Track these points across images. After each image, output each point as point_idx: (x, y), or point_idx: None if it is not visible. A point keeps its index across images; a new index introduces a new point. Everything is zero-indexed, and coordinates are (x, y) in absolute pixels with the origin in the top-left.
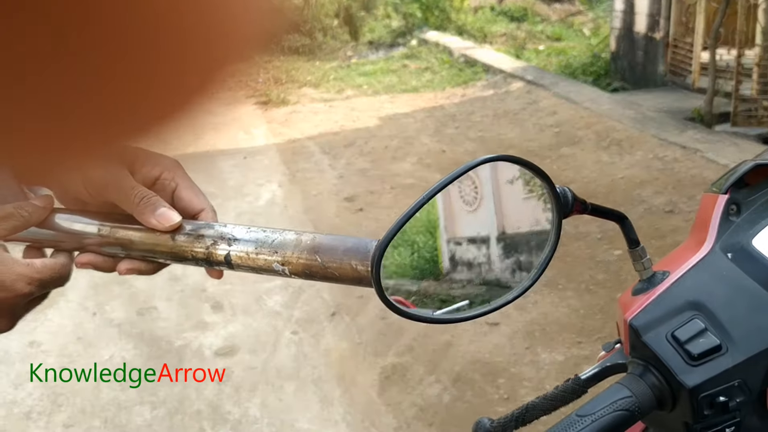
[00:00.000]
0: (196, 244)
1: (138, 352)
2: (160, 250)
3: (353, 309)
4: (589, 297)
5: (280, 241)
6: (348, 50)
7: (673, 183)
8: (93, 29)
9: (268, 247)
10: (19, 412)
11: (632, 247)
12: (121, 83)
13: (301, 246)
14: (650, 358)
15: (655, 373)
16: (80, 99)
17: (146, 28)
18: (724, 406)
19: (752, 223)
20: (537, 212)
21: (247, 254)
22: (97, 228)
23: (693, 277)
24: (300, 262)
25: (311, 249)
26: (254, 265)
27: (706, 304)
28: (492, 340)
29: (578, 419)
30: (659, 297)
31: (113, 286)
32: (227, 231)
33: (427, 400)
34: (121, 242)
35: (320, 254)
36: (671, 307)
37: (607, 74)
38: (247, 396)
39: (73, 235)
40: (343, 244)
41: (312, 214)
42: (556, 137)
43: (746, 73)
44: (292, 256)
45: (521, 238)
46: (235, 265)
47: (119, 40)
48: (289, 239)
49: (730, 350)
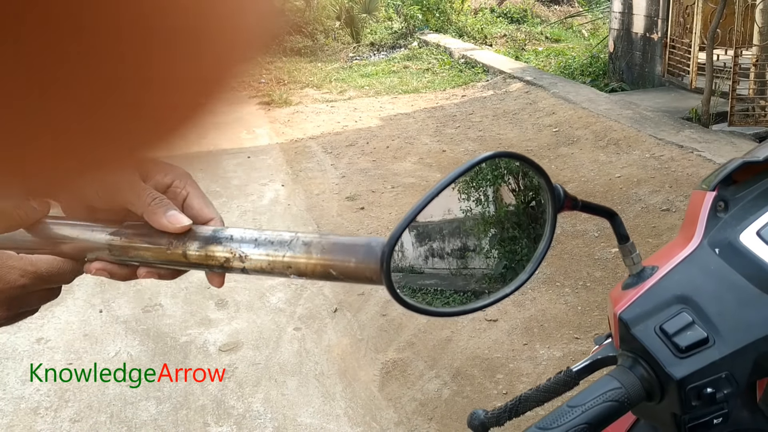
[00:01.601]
0: (206, 250)
1: (144, 349)
2: (167, 258)
3: (354, 305)
4: (587, 294)
5: (291, 243)
6: (349, 52)
7: (670, 182)
8: (100, 39)
9: (280, 250)
10: (26, 407)
11: (622, 242)
12: (132, 95)
13: (312, 248)
14: (639, 350)
15: (644, 365)
16: (94, 112)
17: (154, 35)
18: (711, 398)
19: (739, 220)
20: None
21: (259, 258)
22: (107, 236)
23: (681, 271)
24: (311, 263)
25: (322, 250)
26: (266, 269)
27: (693, 298)
28: (491, 336)
29: (569, 410)
30: (648, 291)
31: (119, 284)
32: (237, 236)
33: (427, 394)
34: (125, 249)
35: (331, 255)
36: (660, 300)
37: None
38: (251, 391)
39: (75, 242)
40: (353, 244)
41: (315, 212)
42: (555, 137)
43: (743, 73)
44: (304, 259)
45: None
46: (247, 269)
47: (127, 50)
48: (300, 242)
49: (717, 343)
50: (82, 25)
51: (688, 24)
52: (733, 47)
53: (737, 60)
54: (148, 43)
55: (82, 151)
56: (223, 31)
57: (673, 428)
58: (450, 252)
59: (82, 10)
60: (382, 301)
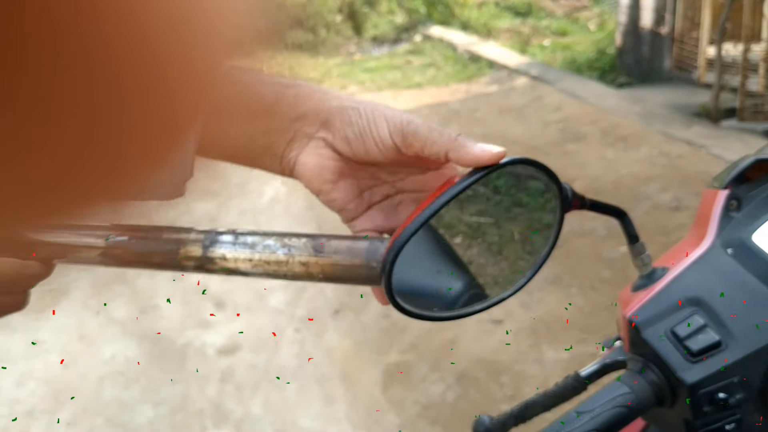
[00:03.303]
0: (204, 255)
1: (140, 351)
2: (162, 262)
3: (356, 307)
4: (594, 294)
5: (292, 245)
6: (351, 46)
7: (679, 179)
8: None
9: (282, 251)
10: (21, 410)
11: (632, 242)
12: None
13: (314, 249)
14: (649, 354)
15: (654, 370)
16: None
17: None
18: (723, 403)
19: (753, 218)
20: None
21: (260, 260)
22: (99, 240)
23: (693, 272)
24: (317, 264)
25: (325, 251)
26: (268, 271)
27: (705, 300)
28: (496, 338)
29: (577, 416)
30: (659, 293)
31: (116, 285)
32: (234, 238)
33: (431, 398)
34: (120, 256)
35: (332, 257)
36: (671, 303)
37: (613, 70)
38: (250, 394)
39: (60, 246)
40: (355, 246)
41: (315, 211)
42: (561, 133)
43: (753, 68)
44: (307, 260)
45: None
46: (247, 272)
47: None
48: (302, 243)
49: (730, 347)
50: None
51: (697, 18)
52: (742, 42)
53: (747, 55)
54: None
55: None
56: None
57: None
58: (450, 252)
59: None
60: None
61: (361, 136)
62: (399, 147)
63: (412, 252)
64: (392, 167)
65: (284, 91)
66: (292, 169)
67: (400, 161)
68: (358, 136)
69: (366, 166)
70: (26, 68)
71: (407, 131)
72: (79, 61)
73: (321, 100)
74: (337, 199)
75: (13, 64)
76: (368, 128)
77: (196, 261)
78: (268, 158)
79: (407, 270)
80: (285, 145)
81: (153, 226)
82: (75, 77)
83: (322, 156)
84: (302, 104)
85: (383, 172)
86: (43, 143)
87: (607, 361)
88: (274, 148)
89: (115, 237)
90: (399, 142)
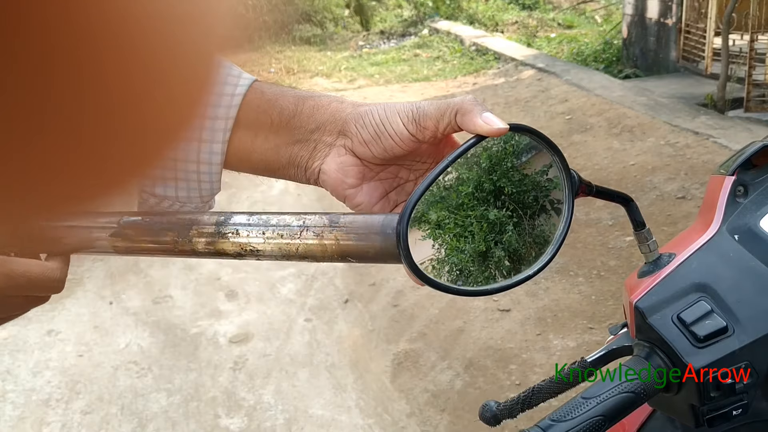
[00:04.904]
0: (215, 241)
1: (154, 340)
2: (176, 251)
3: (366, 296)
4: (601, 283)
5: (308, 224)
6: (359, 40)
7: (685, 169)
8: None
9: (298, 231)
10: (37, 399)
11: (638, 229)
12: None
13: (329, 227)
14: (656, 340)
15: (660, 356)
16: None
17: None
18: (730, 388)
19: (759, 205)
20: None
21: (276, 241)
22: (108, 234)
23: (699, 258)
24: (331, 243)
25: (340, 229)
26: (285, 252)
27: (712, 285)
28: (504, 326)
29: (584, 401)
30: (665, 279)
31: (129, 276)
32: (251, 220)
33: (439, 386)
34: (130, 247)
35: (346, 236)
36: (677, 289)
37: (619, 61)
38: (261, 383)
39: (75, 240)
40: (370, 222)
41: (325, 202)
42: (568, 124)
43: (759, 59)
44: (323, 239)
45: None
46: (265, 253)
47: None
48: (317, 221)
49: (737, 332)
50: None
51: (703, 8)
52: (749, 32)
53: (753, 45)
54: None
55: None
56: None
57: (691, 419)
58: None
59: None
60: (393, 291)
61: (378, 135)
62: (415, 135)
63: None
64: (413, 163)
65: (303, 102)
66: (317, 178)
67: (419, 152)
68: (375, 136)
69: (387, 167)
70: (16, 68)
71: (418, 116)
72: (68, 63)
73: (337, 110)
74: (363, 203)
75: (4, 64)
76: (383, 126)
77: (208, 237)
78: (293, 169)
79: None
80: (308, 155)
81: (166, 210)
82: (64, 79)
83: (344, 163)
84: (320, 115)
85: (404, 170)
86: (32, 141)
87: (613, 347)
88: (298, 159)
89: (128, 218)
90: (414, 130)
